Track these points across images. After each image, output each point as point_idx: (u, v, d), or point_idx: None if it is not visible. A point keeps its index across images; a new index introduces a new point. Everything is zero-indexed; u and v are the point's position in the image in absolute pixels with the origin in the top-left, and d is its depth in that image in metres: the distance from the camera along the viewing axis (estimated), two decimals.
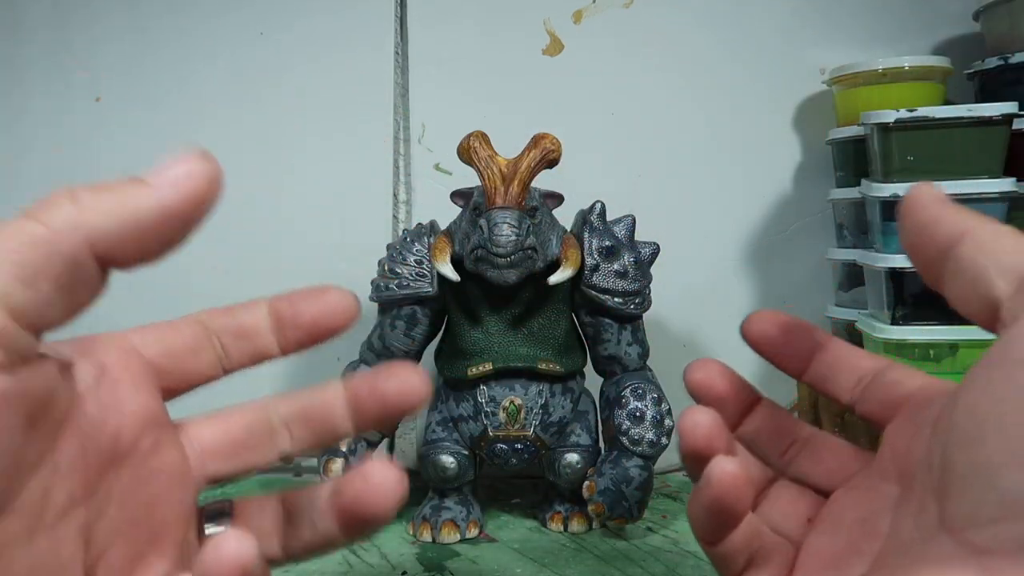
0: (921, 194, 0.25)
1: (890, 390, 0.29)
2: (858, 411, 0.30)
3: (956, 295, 0.24)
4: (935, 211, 0.24)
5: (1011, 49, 0.68)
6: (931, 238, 0.24)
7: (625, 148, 0.81)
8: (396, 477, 0.24)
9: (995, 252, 0.23)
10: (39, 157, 0.82)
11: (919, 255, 0.25)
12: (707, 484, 0.25)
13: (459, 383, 0.64)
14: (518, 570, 0.58)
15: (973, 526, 0.20)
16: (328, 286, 0.27)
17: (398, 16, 0.81)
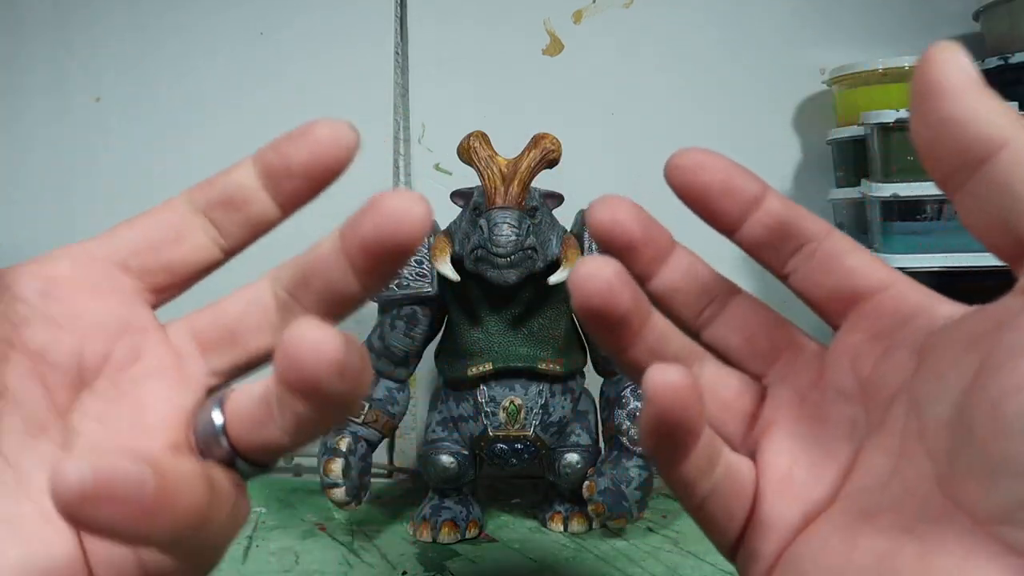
0: (950, 73, 0.19)
1: (842, 277, 0.25)
2: (793, 284, 0.26)
3: (976, 218, 0.20)
4: (970, 103, 0.19)
5: (1011, 49, 0.68)
6: (958, 141, 0.19)
7: (625, 148, 0.81)
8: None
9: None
10: (39, 157, 0.82)
11: (935, 156, 0.20)
12: (648, 399, 0.20)
13: (459, 383, 0.64)
14: (518, 570, 0.58)
15: (1008, 523, 0.17)
16: (316, 120, 0.24)
17: (398, 16, 0.81)
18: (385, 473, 0.81)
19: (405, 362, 0.65)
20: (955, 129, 0.19)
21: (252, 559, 0.60)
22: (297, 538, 0.64)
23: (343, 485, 0.60)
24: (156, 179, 0.81)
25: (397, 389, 0.66)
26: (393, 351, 0.64)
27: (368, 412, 0.64)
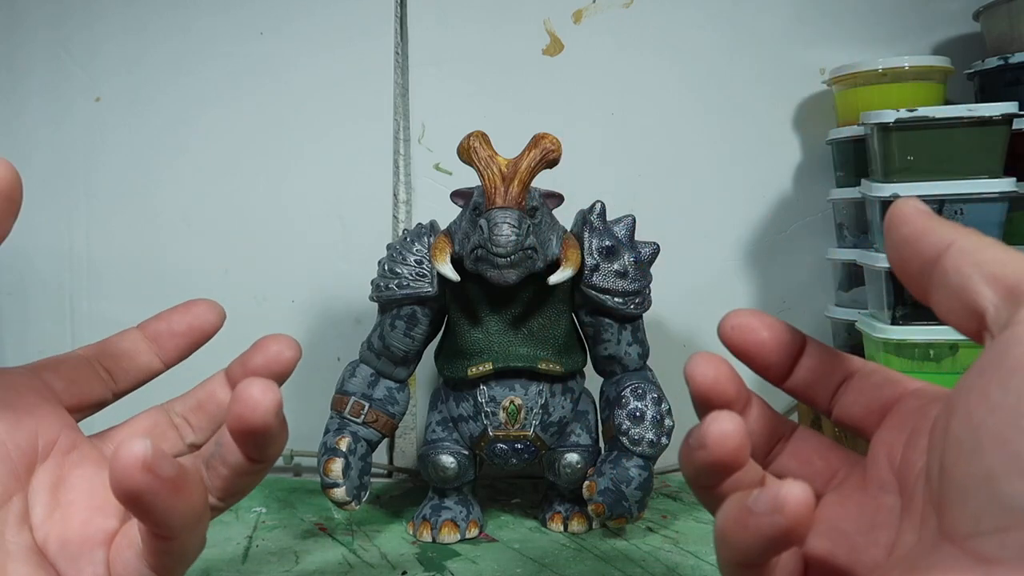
0: (905, 208, 0.25)
1: (873, 395, 0.29)
2: (835, 417, 0.29)
3: (943, 306, 0.24)
4: (919, 224, 0.25)
5: (1011, 49, 0.68)
6: (916, 251, 0.24)
7: (625, 148, 0.81)
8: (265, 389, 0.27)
9: (979, 262, 0.23)
10: (39, 157, 0.82)
11: (905, 269, 0.25)
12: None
13: (459, 383, 0.64)
14: (518, 570, 0.58)
15: (976, 535, 0.20)
16: (194, 301, 0.33)
17: (398, 16, 0.81)
18: (385, 473, 0.81)
19: (405, 362, 0.65)
20: (915, 242, 0.25)
21: (252, 559, 0.60)
22: (297, 538, 0.64)
23: (343, 485, 0.60)
24: (156, 179, 0.81)
25: (397, 389, 0.66)
26: (393, 351, 0.64)
27: (368, 412, 0.64)
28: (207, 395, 0.33)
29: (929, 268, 0.24)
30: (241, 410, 0.26)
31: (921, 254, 0.24)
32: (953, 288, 0.23)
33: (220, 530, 0.66)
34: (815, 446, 0.30)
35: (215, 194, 0.81)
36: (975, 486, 0.20)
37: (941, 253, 0.24)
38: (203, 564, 0.59)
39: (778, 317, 0.30)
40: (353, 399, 0.64)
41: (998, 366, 0.21)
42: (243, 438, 0.27)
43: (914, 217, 0.25)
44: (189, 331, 0.33)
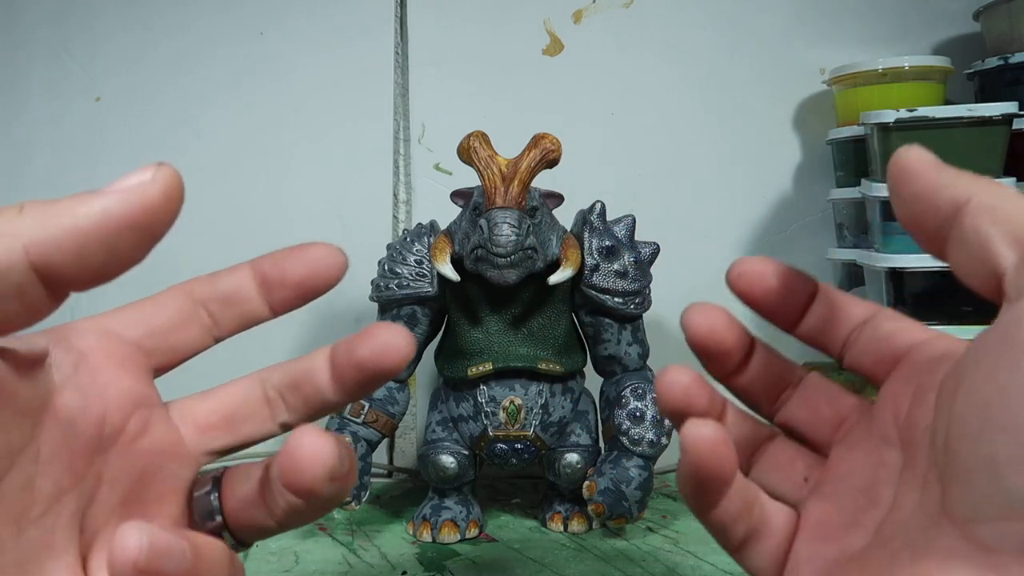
0: (912, 160, 0.23)
1: (884, 343, 0.28)
2: (847, 363, 0.29)
3: (962, 268, 0.22)
4: (932, 178, 0.23)
5: (1011, 49, 0.69)
6: (931, 208, 0.22)
7: (625, 148, 0.81)
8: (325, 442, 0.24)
9: (999, 220, 0.21)
10: (39, 157, 0.82)
11: (920, 227, 0.23)
12: (684, 450, 0.24)
13: (459, 383, 0.64)
14: (518, 570, 0.58)
15: (978, 521, 0.20)
16: (313, 243, 0.27)
17: (398, 16, 0.81)
18: (385, 473, 0.81)
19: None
20: (929, 197, 0.23)
21: (252, 559, 0.60)
22: (297, 538, 0.64)
23: None
24: None
25: (397, 389, 0.66)
26: None
27: (368, 412, 0.64)
28: (305, 374, 0.28)
29: (947, 226, 0.22)
30: (288, 467, 0.23)
31: (937, 211, 0.22)
32: (973, 249, 0.21)
33: None
34: (824, 393, 0.29)
35: (215, 194, 0.81)
36: (979, 471, 0.20)
37: (959, 209, 0.22)
38: None
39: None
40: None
41: (1010, 344, 0.20)
42: (294, 492, 0.24)
43: (925, 170, 0.23)
44: (304, 281, 0.27)
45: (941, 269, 0.64)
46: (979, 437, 0.20)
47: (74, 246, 0.21)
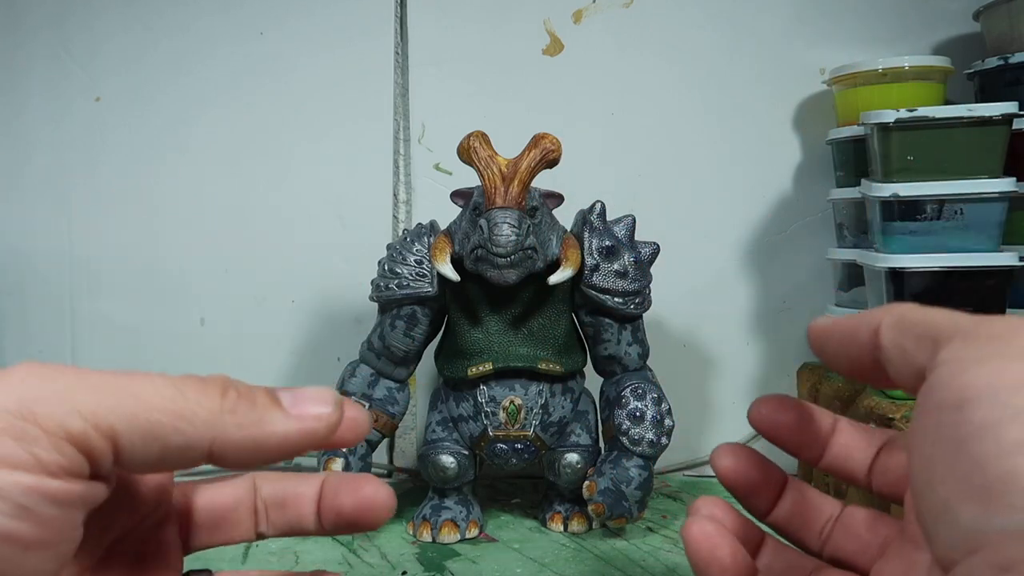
0: (820, 322, 0.27)
1: (899, 464, 0.29)
2: (875, 491, 0.30)
3: (901, 382, 0.25)
4: (842, 327, 0.26)
5: (1011, 49, 0.68)
6: (858, 349, 0.26)
7: (625, 148, 0.81)
8: (387, 495, 0.26)
9: (904, 328, 0.24)
10: (39, 157, 0.82)
11: (863, 370, 0.26)
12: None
13: (459, 383, 0.64)
14: (518, 570, 0.58)
15: (955, 563, 0.21)
16: (366, 478, 0.28)
17: (398, 16, 0.81)
18: (385, 473, 0.81)
19: (405, 362, 0.65)
20: (849, 344, 0.26)
21: (252, 559, 0.60)
22: (297, 538, 0.64)
23: None
24: (156, 179, 0.81)
25: (397, 389, 0.66)
26: (393, 351, 0.64)
27: (368, 412, 0.64)
28: (294, 498, 0.28)
29: (876, 356, 0.25)
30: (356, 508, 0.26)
31: (862, 348, 0.25)
32: (897, 362, 0.24)
33: None
34: (862, 520, 0.31)
35: (215, 194, 0.81)
36: (939, 518, 0.21)
37: (876, 336, 0.25)
38: (203, 564, 0.59)
39: (778, 319, 0.32)
40: (353, 399, 0.64)
41: (929, 405, 0.22)
42: (355, 527, 0.27)
43: (832, 326, 0.27)
44: (352, 516, 0.28)
45: (941, 269, 0.64)
46: (928, 487, 0.21)
47: (250, 457, 0.23)
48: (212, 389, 0.22)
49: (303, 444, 0.24)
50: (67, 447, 0.20)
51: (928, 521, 0.22)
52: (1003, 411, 0.20)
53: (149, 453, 0.21)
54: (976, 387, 0.20)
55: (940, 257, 0.64)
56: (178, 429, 0.21)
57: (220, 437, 0.22)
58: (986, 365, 0.21)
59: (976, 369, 0.21)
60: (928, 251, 0.64)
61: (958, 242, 0.64)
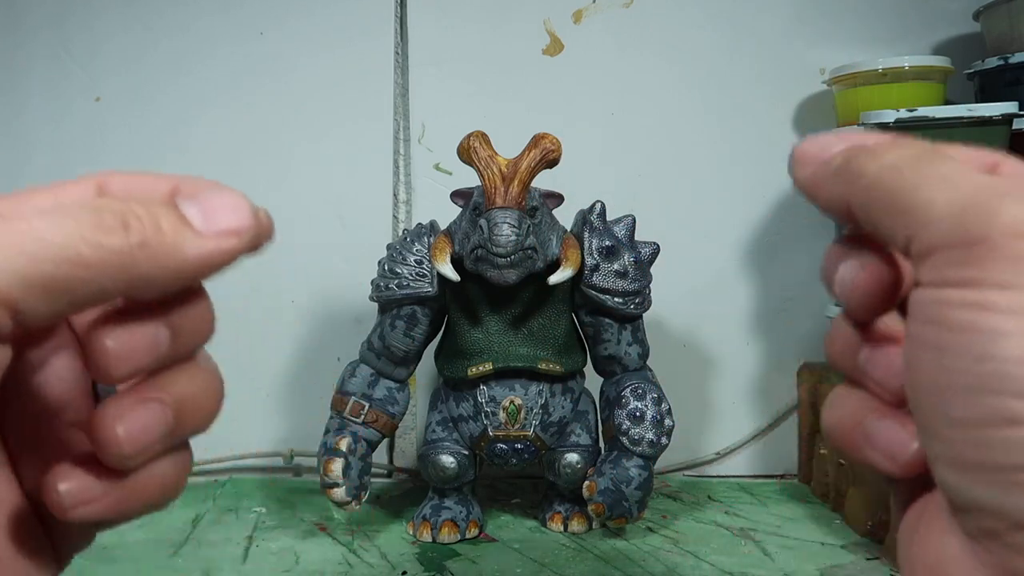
0: (802, 146, 0.23)
1: None
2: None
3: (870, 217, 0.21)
4: (825, 139, 0.23)
5: (1011, 49, 0.68)
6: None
7: (625, 148, 0.81)
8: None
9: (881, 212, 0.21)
10: (39, 157, 0.82)
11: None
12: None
13: (459, 383, 0.64)
14: (518, 570, 0.58)
15: (959, 513, 0.20)
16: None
17: (398, 16, 0.81)
18: (385, 473, 0.81)
19: (405, 362, 0.65)
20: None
21: (252, 559, 0.60)
22: (297, 538, 0.64)
23: (343, 485, 0.60)
24: None
25: (397, 389, 0.66)
26: (393, 351, 0.64)
27: (368, 412, 0.64)
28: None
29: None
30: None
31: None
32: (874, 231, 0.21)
33: (220, 530, 0.66)
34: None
35: None
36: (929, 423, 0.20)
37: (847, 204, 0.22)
38: (203, 564, 0.59)
39: (778, 319, 0.29)
40: (353, 399, 0.64)
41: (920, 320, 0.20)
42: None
43: (817, 141, 0.23)
44: None
45: None
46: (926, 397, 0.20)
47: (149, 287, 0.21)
48: (111, 220, 0.20)
49: (223, 263, 0.22)
50: None
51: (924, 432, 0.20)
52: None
53: (57, 308, 0.19)
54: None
55: None
56: (85, 280, 0.19)
57: (132, 275, 0.20)
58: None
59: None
60: None
61: None
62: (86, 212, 0.20)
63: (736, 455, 0.81)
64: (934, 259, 0.19)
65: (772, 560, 0.59)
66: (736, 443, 0.81)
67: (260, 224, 0.22)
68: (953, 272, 0.19)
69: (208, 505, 0.72)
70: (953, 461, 0.19)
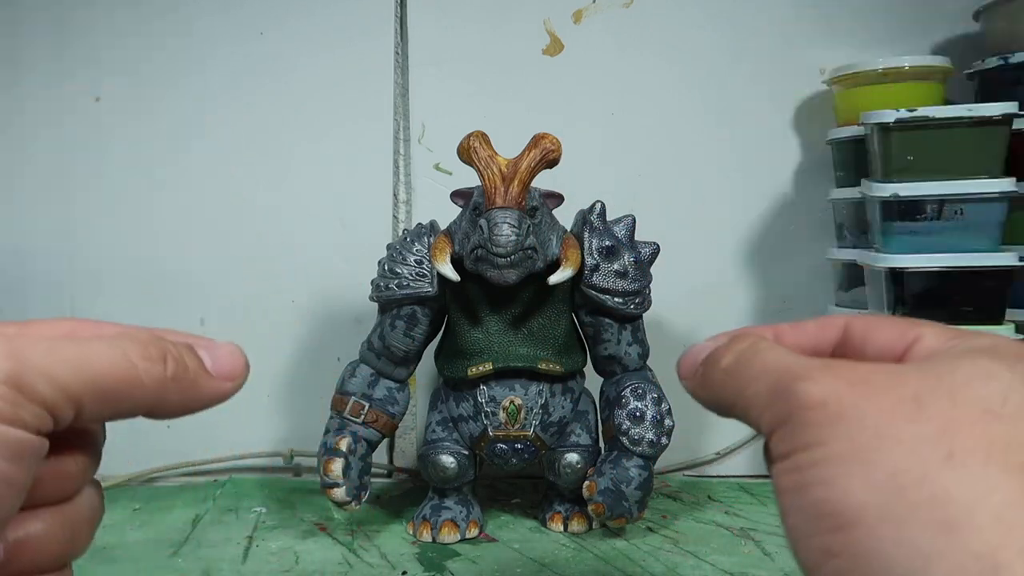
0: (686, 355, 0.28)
1: None
2: None
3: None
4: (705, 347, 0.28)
5: (1011, 49, 0.68)
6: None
7: (625, 148, 0.81)
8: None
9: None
10: (39, 157, 0.82)
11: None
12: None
13: (459, 383, 0.64)
14: (518, 570, 0.58)
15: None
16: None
17: (398, 16, 0.81)
18: (385, 473, 0.81)
19: (405, 362, 0.65)
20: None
21: (252, 559, 0.60)
22: (297, 538, 0.64)
23: (343, 485, 0.60)
24: (156, 179, 0.81)
25: (397, 389, 0.66)
26: (393, 351, 0.64)
27: (368, 412, 0.64)
28: None
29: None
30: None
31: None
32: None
33: (220, 530, 0.66)
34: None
35: (215, 194, 0.81)
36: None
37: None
38: (203, 564, 0.59)
39: (778, 319, 0.31)
40: (353, 399, 0.64)
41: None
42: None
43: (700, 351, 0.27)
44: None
45: (941, 269, 0.64)
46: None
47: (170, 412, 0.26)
48: (155, 353, 0.25)
49: (220, 401, 0.27)
50: (43, 411, 0.23)
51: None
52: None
53: (101, 414, 0.24)
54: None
55: (940, 257, 0.64)
56: (130, 396, 0.24)
57: (161, 400, 0.25)
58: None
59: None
60: (928, 251, 0.64)
61: (958, 242, 0.64)
62: (135, 343, 0.24)
63: (736, 455, 0.82)
64: (771, 441, 0.23)
65: (772, 560, 0.59)
66: (736, 443, 0.81)
67: (249, 370, 0.27)
68: (780, 447, 0.23)
69: (208, 505, 0.72)
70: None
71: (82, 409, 0.23)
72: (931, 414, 0.20)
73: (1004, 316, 0.65)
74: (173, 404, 0.25)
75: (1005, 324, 0.64)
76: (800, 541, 0.22)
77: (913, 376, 0.22)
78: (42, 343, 0.23)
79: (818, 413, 0.22)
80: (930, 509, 0.19)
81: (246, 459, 0.80)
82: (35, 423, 0.22)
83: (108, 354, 0.24)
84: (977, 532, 0.18)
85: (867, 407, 0.21)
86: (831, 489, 0.21)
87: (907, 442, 0.20)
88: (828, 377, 0.22)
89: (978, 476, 0.19)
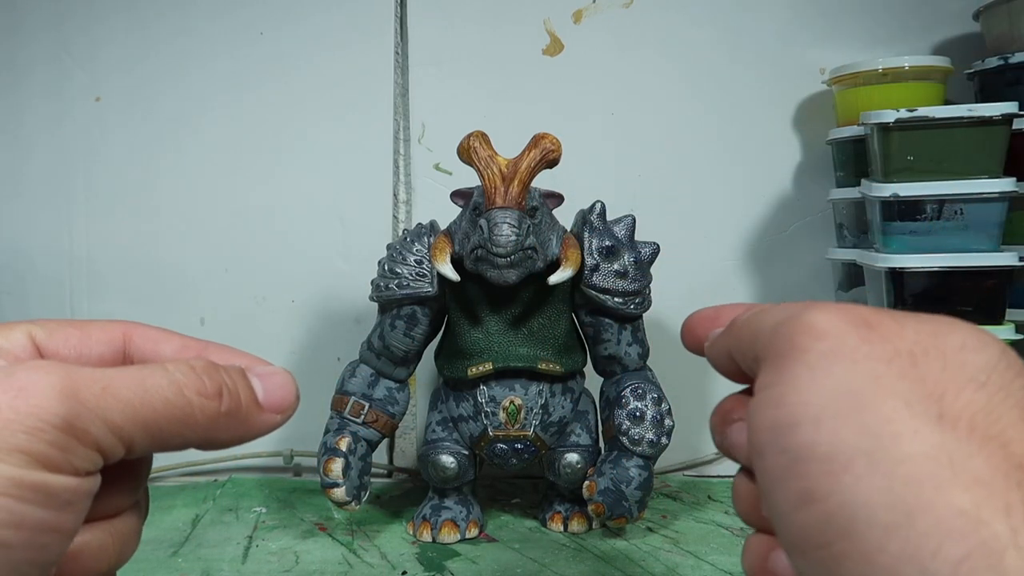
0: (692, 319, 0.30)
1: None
2: None
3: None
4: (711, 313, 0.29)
5: (1011, 49, 0.68)
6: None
7: (625, 148, 0.81)
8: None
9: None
10: (39, 157, 0.82)
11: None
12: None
13: (459, 383, 0.64)
14: (518, 570, 0.58)
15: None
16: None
17: (398, 16, 0.81)
18: (385, 473, 0.81)
19: (405, 362, 0.65)
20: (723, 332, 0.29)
21: (252, 559, 0.60)
22: (297, 538, 0.64)
23: (343, 485, 0.60)
24: (156, 179, 0.81)
25: (397, 389, 0.66)
26: (393, 351, 0.64)
27: (368, 412, 0.64)
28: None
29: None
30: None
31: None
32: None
33: (220, 530, 0.66)
34: None
35: (215, 194, 0.81)
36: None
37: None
38: (203, 564, 0.59)
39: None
40: (353, 399, 0.64)
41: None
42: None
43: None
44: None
45: (941, 269, 0.64)
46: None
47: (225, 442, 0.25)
48: (211, 387, 0.24)
49: (266, 433, 0.26)
50: (95, 454, 0.22)
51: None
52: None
53: (151, 448, 0.23)
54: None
55: (940, 257, 0.64)
56: (182, 434, 0.23)
57: (212, 436, 0.24)
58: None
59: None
60: (928, 251, 0.64)
61: (958, 242, 0.64)
62: (192, 375, 0.24)
63: None
64: (762, 370, 0.23)
65: None
66: None
67: (299, 401, 0.27)
68: (765, 377, 0.22)
69: (208, 505, 0.72)
70: (792, 549, 0.21)
71: (133, 447, 0.23)
72: (923, 373, 0.21)
73: (1004, 316, 0.65)
74: (223, 439, 0.25)
75: (1005, 324, 0.64)
76: (777, 483, 0.21)
77: (911, 328, 0.22)
78: (98, 380, 0.22)
79: (819, 344, 0.21)
80: (921, 463, 0.19)
81: (246, 459, 0.80)
82: (86, 467, 0.22)
83: (164, 391, 0.23)
84: (962, 490, 0.19)
85: (868, 351, 0.21)
86: (821, 431, 0.20)
87: (902, 396, 0.20)
88: (835, 313, 0.22)
89: (963, 440, 0.20)
